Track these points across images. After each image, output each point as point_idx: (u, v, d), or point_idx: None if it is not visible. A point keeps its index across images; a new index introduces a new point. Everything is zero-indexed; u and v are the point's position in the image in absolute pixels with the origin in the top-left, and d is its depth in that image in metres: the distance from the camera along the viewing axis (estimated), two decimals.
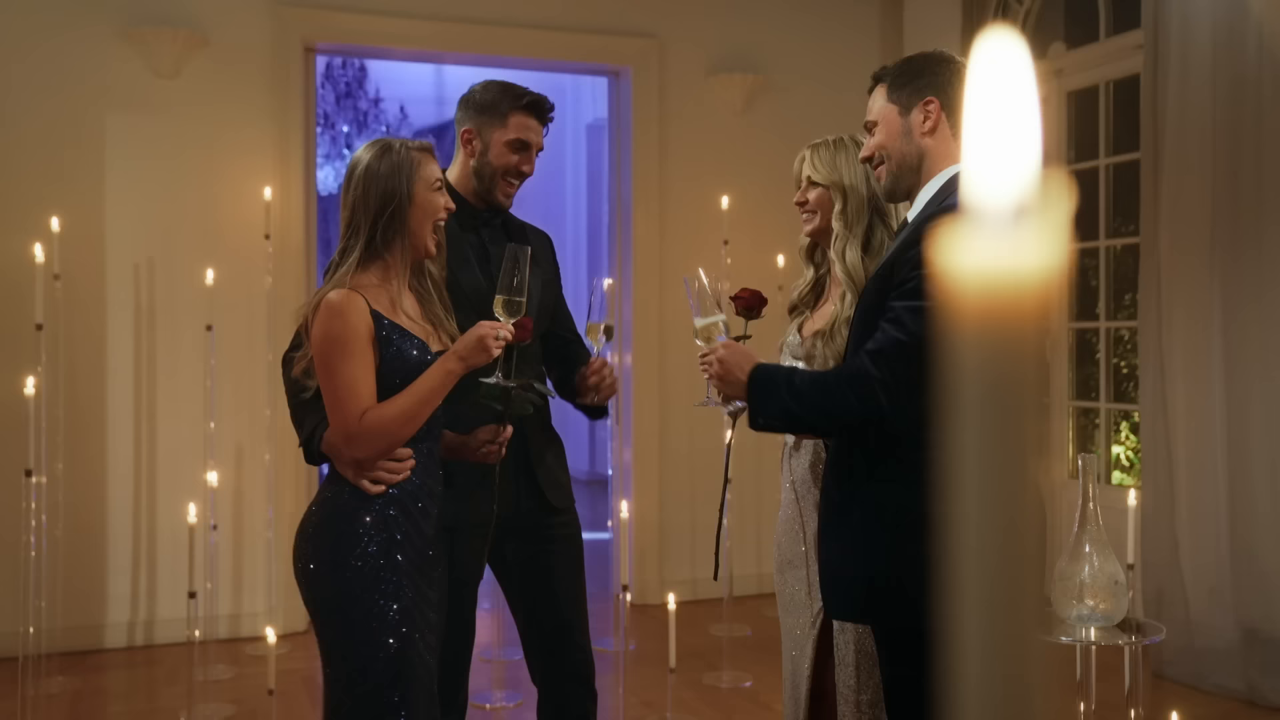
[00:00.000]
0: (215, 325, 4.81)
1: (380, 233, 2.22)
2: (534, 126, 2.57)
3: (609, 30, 5.59)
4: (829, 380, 1.91)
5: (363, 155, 2.27)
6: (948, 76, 2.03)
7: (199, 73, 4.96)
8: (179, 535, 4.73)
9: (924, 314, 1.82)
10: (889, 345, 1.84)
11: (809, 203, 2.47)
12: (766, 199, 5.72)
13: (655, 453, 5.65)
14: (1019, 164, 0.41)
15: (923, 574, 1.88)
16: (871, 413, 1.86)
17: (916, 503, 1.90)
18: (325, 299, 2.20)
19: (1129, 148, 4.98)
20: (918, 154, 2.02)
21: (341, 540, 2.20)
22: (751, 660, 4.61)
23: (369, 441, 2.16)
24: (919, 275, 1.84)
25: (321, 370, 2.19)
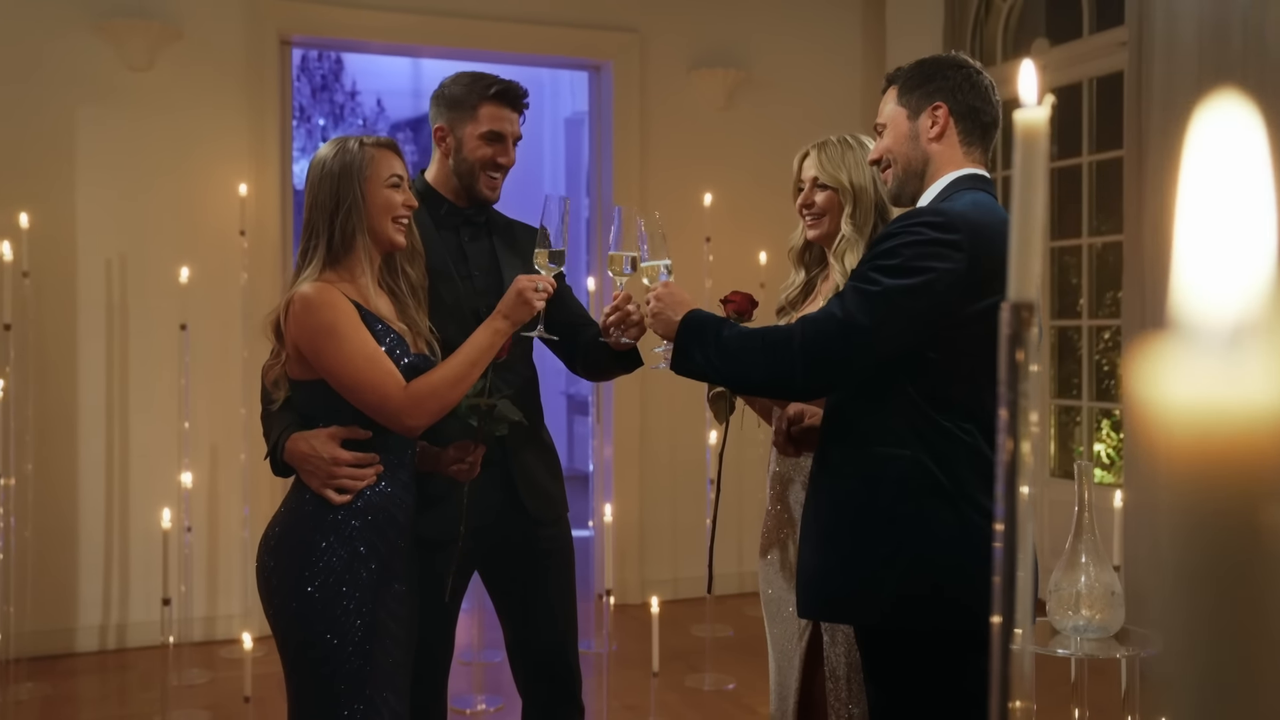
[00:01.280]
0: (189, 323, 4.73)
1: (339, 232, 2.16)
2: (507, 116, 2.47)
3: (589, 24, 5.52)
4: (755, 339, 1.90)
5: (320, 154, 2.22)
6: (958, 82, 2.00)
7: (172, 66, 4.86)
8: (152, 537, 4.64)
9: (866, 296, 1.82)
10: (823, 318, 1.85)
11: (816, 205, 2.40)
12: (749, 195, 5.67)
13: (636, 450, 5.60)
14: (1244, 270, 0.35)
15: (884, 575, 1.85)
16: (781, 381, 1.87)
17: (875, 501, 1.87)
18: (297, 294, 2.14)
19: (1112, 145, 4.97)
20: (923, 159, 2.01)
21: (303, 552, 2.14)
22: (734, 662, 4.58)
23: (421, 407, 2.12)
24: (875, 263, 1.86)
25: (323, 363, 2.12)
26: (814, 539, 1.96)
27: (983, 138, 2.02)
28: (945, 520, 1.83)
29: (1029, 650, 0.94)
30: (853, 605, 1.91)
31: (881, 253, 1.87)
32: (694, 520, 5.57)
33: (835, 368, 1.85)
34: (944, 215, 1.86)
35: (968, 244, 1.83)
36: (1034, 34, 5.41)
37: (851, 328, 1.81)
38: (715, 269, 5.36)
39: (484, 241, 2.55)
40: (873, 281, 1.83)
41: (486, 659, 4.56)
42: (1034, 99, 0.87)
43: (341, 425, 2.17)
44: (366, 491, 2.19)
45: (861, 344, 1.82)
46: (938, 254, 1.82)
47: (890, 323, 1.82)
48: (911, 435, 1.86)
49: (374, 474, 2.18)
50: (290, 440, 2.19)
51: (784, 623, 2.42)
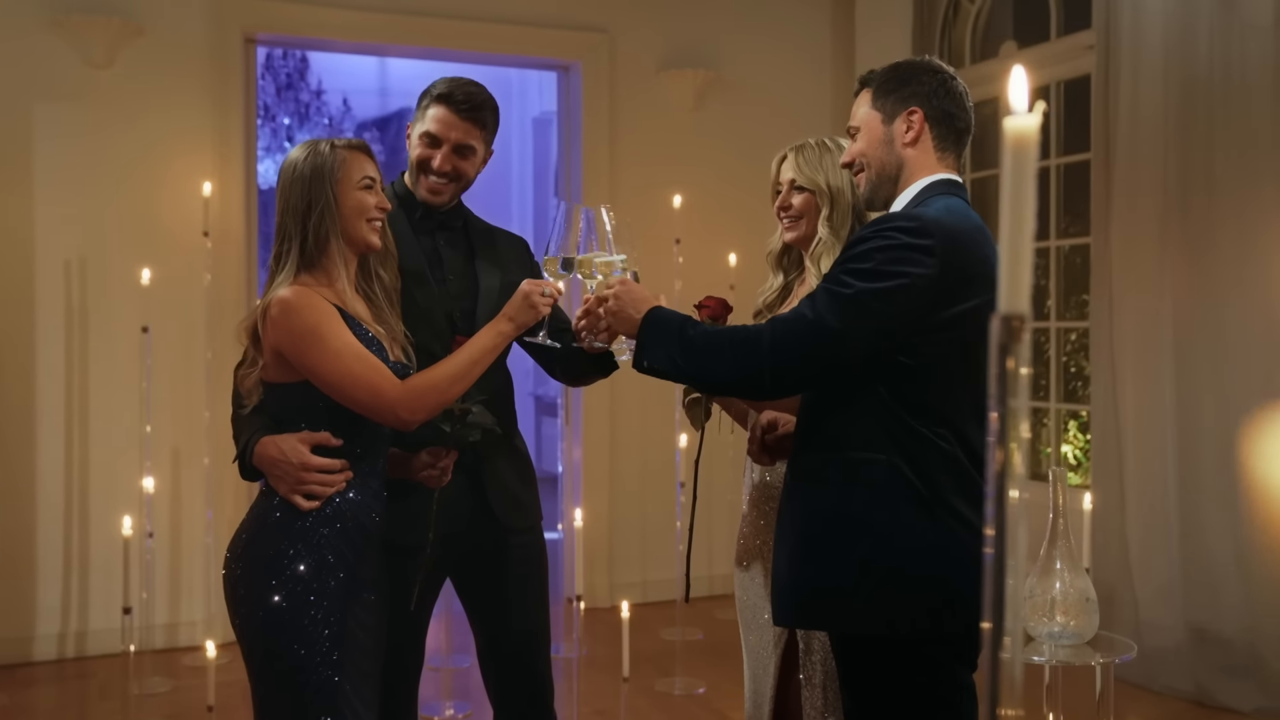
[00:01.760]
0: (151, 325, 4.65)
1: (312, 235, 2.13)
2: (447, 120, 2.39)
3: (558, 24, 5.49)
4: (721, 338, 1.89)
5: (292, 156, 2.18)
6: (934, 87, 2.00)
7: (133, 63, 4.78)
8: (112, 543, 4.57)
9: (837, 298, 1.81)
10: (794, 319, 1.84)
11: (794, 207, 2.38)
12: (719, 196, 5.66)
13: (605, 452, 5.57)
14: None
15: (858, 580, 1.84)
16: (749, 380, 1.86)
17: (850, 507, 1.85)
18: (276, 298, 2.10)
19: (1080, 148, 4.99)
20: (898, 163, 2.01)
21: (270, 561, 2.10)
22: (704, 665, 4.56)
23: (419, 401, 2.10)
24: (847, 266, 1.85)
25: (308, 364, 2.08)
26: (789, 545, 1.94)
27: (956, 143, 2.02)
28: (921, 526, 1.82)
29: (1019, 658, 0.92)
30: (828, 612, 1.89)
31: (854, 256, 1.86)
32: (663, 523, 5.55)
33: (804, 368, 1.84)
34: (918, 220, 1.85)
35: (941, 249, 1.82)
36: (1002, 36, 5.43)
37: (821, 329, 1.81)
38: (684, 271, 5.33)
39: (460, 247, 2.52)
40: (844, 284, 1.82)
41: (455, 664, 4.51)
42: (1024, 105, 0.86)
43: (315, 430, 2.13)
44: (336, 499, 2.14)
45: (831, 346, 1.81)
46: (911, 259, 1.81)
47: (861, 326, 1.81)
48: (886, 440, 1.85)
49: (344, 480, 2.14)
50: (260, 444, 2.15)
51: (759, 630, 2.39)
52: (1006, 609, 0.86)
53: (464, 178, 2.46)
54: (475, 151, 2.44)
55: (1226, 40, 4.01)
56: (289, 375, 2.13)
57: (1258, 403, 3.92)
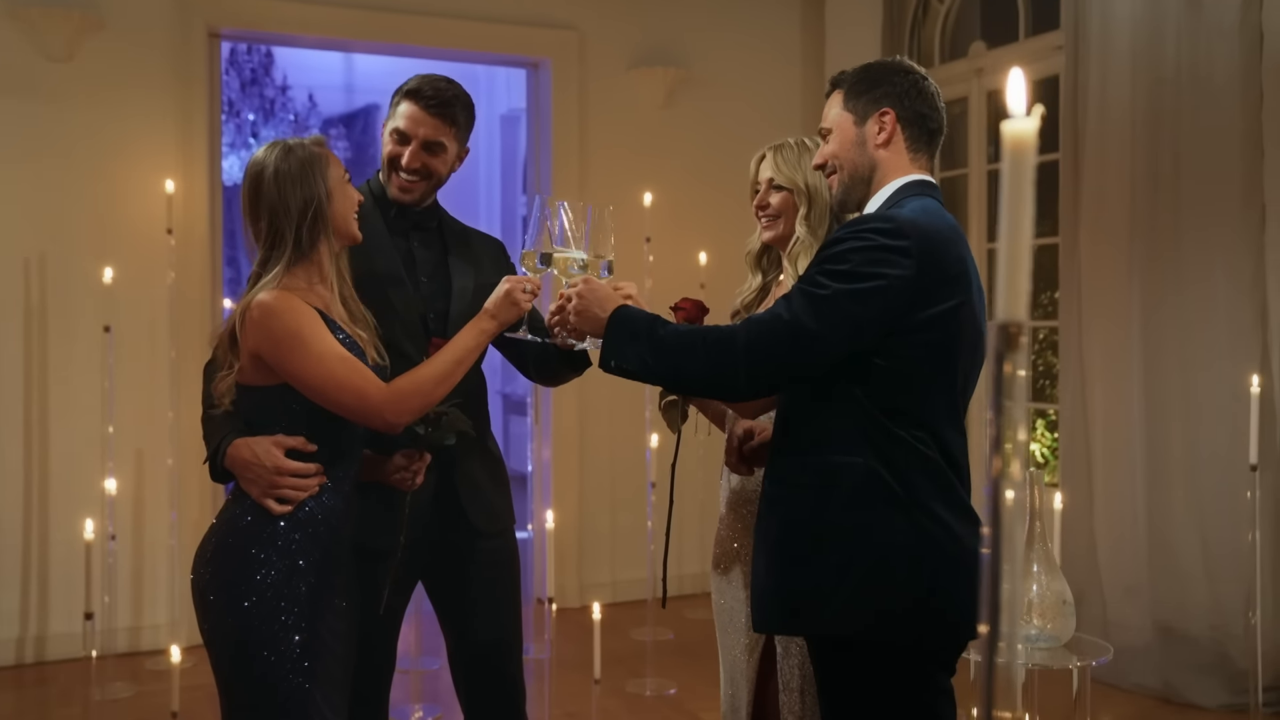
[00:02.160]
0: (114, 325, 4.56)
1: (305, 236, 2.10)
2: (416, 116, 2.37)
3: (527, 21, 5.45)
4: (694, 337, 1.86)
5: (265, 158, 2.13)
6: (905, 88, 1.99)
7: (94, 57, 4.69)
8: (73, 546, 4.48)
9: (813, 299, 1.80)
10: (769, 319, 1.82)
11: (771, 206, 2.37)
12: (689, 194, 5.64)
13: (575, 451, 5.54)
14: None
15: (836, 584, 1.82)
16: (723, 380, 1.84)
17: (828, 510, 1.84)
18: (256, 301, 2.06)
19: (1048, 148, 5.01)
20: (870, 165, 2.00)
21: (241, 566, 2.07)
22: (676, 666, 4.54)
23: (404, 404, 2.09)
24: (823, 268, 1.83)
25: (290, 369, 2.04)
26: (767, 550, 1.92)
27: (929, 144, 2.01)
28: (899, 529, 1.81)
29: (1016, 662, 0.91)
30: (806, 617, 1.87)
31: (830, 257, 1.84)
32: (633, 522, 5.52)
33: (779, 370, 1.82)
34: (893, 222, 1.84)
35: (917, 250, 1.81)
36: (971, 36, 5.45)
37: (797, 330, 1.79)
38: (655, 269, 5.31)
39: (435, 247, 2.49)
40: (821, 285, 1.80)
41: (425, 666, 4.47)
42: (1022, 108, 0.84)
43: (290, 434, 2.10)
44: (308, 503, 2.11)
45: (806, 347, 1.80)
46: (887, 260, 1.79)
47: (837, 327, 1.79)
48: (863, 443, 1.83)
49: (317, 485, 2.11)
50: (232, 446, 2.11)
51: (736, 634, 2.38)
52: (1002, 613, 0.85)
53: (434, 175, 2.42)
54: (445, 149, 2.41)
55: (1193, 42, 4.04)
56: (266, 378, 2.09)
57: (1225, 401, 3.95)
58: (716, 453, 2.54)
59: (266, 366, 2.07)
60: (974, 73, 5.30)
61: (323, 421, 2.11)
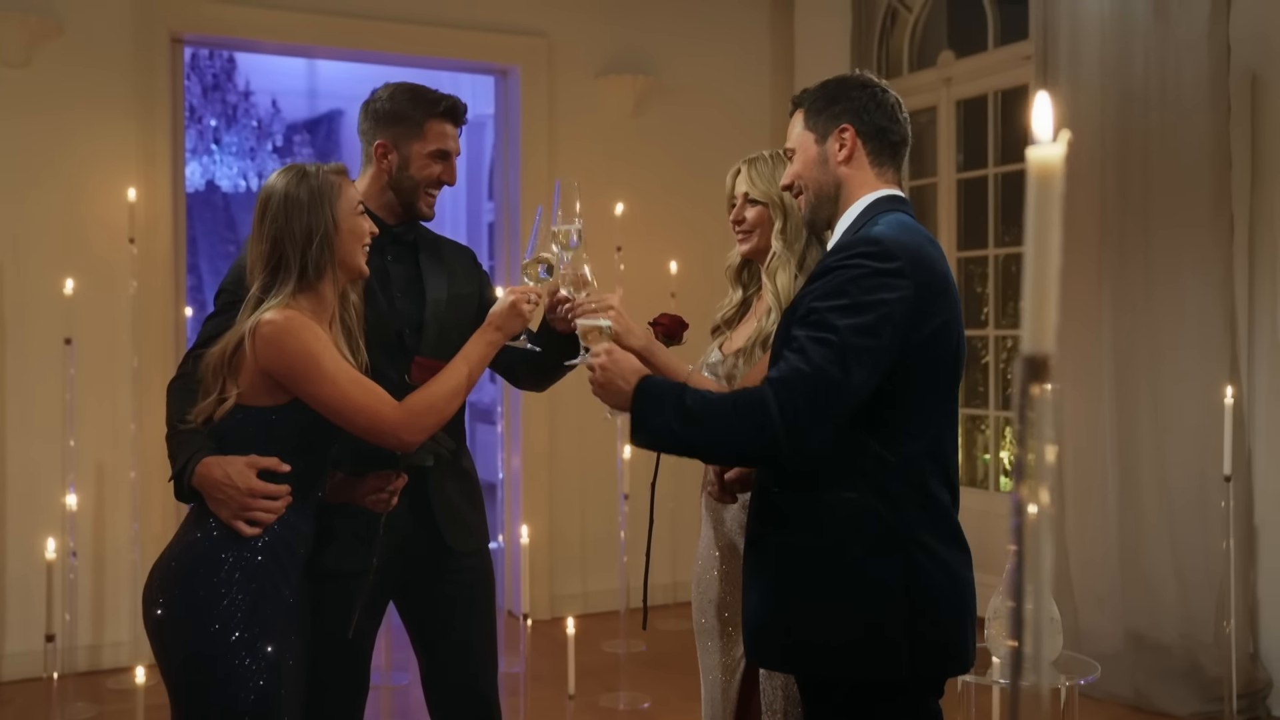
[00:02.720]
0: (75, 336, 4.46)
1: (312, 265, 2.05)
2: (452, 133, 2.41)
3: (495, 28, 5.40)
4: (724, 404, 1.78)
5: (277, 183, 2.09)
6: (863, 102, 1.95)
7: (52, 62, 4.59)
8: (32, 562, 4.38)
9: (828, 345, 1.73)
10: (792, 375, 1.73)
11: (746, 221, 2.34)
12: (660, 203, 5.61)
13: (545, 461, 5.48)
14: None
15: (839, 623, 1.79)
16: (767, 446, 1.73)
17: (822, 550, 1.81)
18: (265, 320, 2.01)
19: (1017, 157, 5.04)
20: (835, 183, 1.96)
21: (202, 590, 2.02)
22: (649, 679, 4.50)
23: (419, 422, 2.08)
24: (824, 306, 1.77)
25: (305, 389, 2.02)
26: (761, 587, 1.88)
27: (893, 157, 1.97)
28: (894, 565, 1.77)
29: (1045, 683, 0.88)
30: (802, 657, 1.83)
31: (827, 293, 1.78)
32: (604, 533, 5.48)
33: (817, 425, 1.73)
34: (879, 244, 1.79)
35: (910, 270, 1.78)
36: (939, 46, 5.46)
37: (823, 380, 1.72)
38: (626, 279, 5.28)
39: (408, 261, 2.45)
40: (829, 328, 1.74)
41: (394, 682, 4.40)
42: (1048, 133, 0.81)
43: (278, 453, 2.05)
44: (274, 527, 2.07)
45: (838, 395, 1.72)
46: (884, 284, 1.75)
47: (859, 367, 1.73)
48: (857, 475, 1.79)
49: (284, 506, 2.07)
50: (202, 465, 2.06)
51: (717, 654, 2.34)
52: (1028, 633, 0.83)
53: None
54: None
55: (1162, 53, 4.06)
56: (270, 398, 2.05)
57: (1195, 410, 3.98)
58: (690, 464, 2.47)
59: (270, 387, 2.03)
60: (943, 82, 5.32)
61: (304, 445, 2.07)
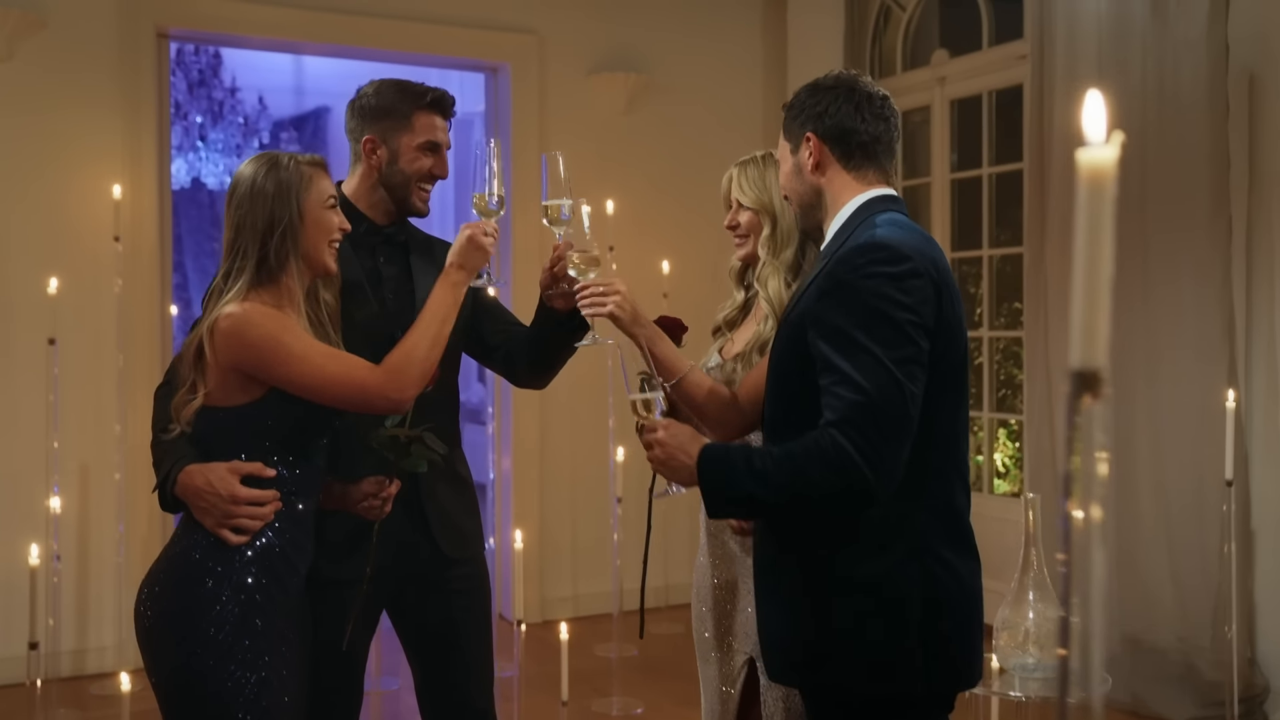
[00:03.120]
0: (59, 336, 4.39)
1: (272, 255, 2.00)
2: (441, 125, 2.38)
3: (486, 25, 5.34)
4: (796, 460, 1.68)
5: (246, 170, 2.04)
6: (825, 105, 1.89)
7: (35, 57, 4.51)
8: (14, 567, 4.30)
9: (877, 363, 1.66)
10: (852, 411, 1.64)
11: (740, 226, 2.31)
12: (652, 202, 5.57)
13: (535, 462, 5.43)
14: None
15: (855, 637, 1.74)
16: (858, 493, 1.64)
17: (838, 564, 1.76)
18: (224, 314, 1.96)
19: (1012, 158, 5.01)
20: (813, 191, 1.92)
21: (193, 603, 1.96)
22: (641, 684, 4.46)
23: (404, 377, 2.01)
24: (850, 324, 1.69)
25: (278, 374, 1.95)
26: (775, 600, 1.83)
27: (869, 157, 1.89)
28: (910, 579, 1.73)
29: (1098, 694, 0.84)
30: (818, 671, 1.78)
31: (849, 309, 1.70)
32: (596, 535, 5.44)
33: (896, 451, 1.66)
34: (887, 248, 1.72)
35: (923, 267, 1.74)
36: (933, 45, 5.43)
37: (884, 403, 1.65)
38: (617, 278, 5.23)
39: (400, 263, 2.40)
40: (864, 348, 1.67)
41: (384, 687, 4.35)
42: (1100, 134, 0.77)
43: (251, 459, 1.99)
44: (266, 535, 2.01)
45: (903, 412, 1.66)
46: (905, 288, 1.70)
47: (911, 379, 1.67)
48: None
49: (272, 511, 2.01)
50: (184, 473, 2.00)
51: (716, 665, 2.29)
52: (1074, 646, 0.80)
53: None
54: None
55: (1160, 53, 4.04)
56: (239, 396, 1.99)
57: (1192, 413, 3.95)
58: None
59: (242, 382, 1.98)
60: (936, 81, 5.28)
61: (286, 449, 2.01)
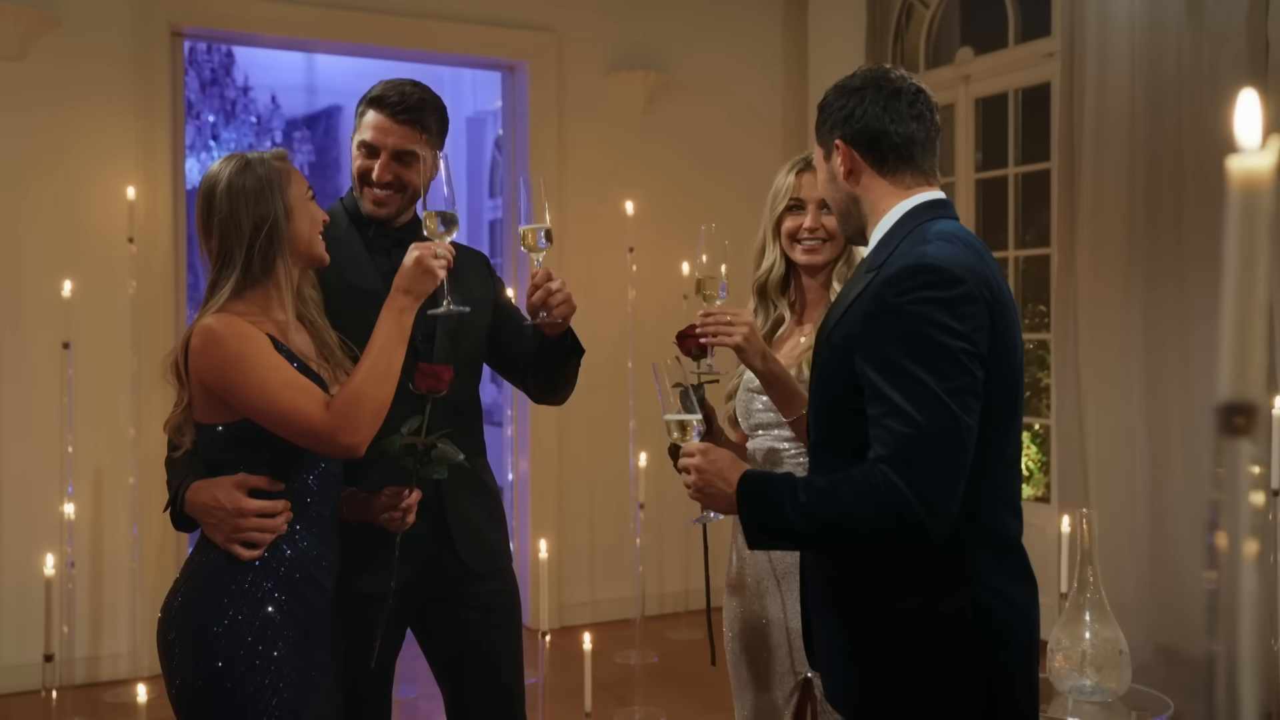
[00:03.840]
0: (73, 340, 4.33)
1: (258, 257, 1.93)
2: (383, 125, 2.20)
3: (503, 22, 5.26)
4: (843, 493, 1.58)
5: (220, 172, 1.95)
6: (852, 108, 1.76)
7: (49, 56, 4.45)
8: (29, 573, 4.25)
9: (928, 398, 1.55)
10: (904, 446, 1.55)
11: (821, 229, 2.16)
12: (671, 203, 5.49)
13: (553, 465, 5.35)
14: None
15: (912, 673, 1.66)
16: (912, 532, 1.55)
17: (900, 593, 1.67)
18: (199, 327, 1.89)
19: (1038, 157, 4.92)
20: (849, 198, 1.81)
21: (210, 623, 1.89)
22: (662, 692, 4.38)
23: (352, 418, 1.87)
24: (900, 353, 1.58)
25: (236, 398, 1.87)
26: (831, 634, 1.75)
27: (905, 159, 1.77)
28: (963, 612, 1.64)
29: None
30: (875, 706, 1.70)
31: (899, 337, 1.60)
32: (614, 539, 5.36)
33: (953, 487, 1.56)
34: (936, 270, 1.60)
35: (976, 291, 1.61)
36: (957, 42, 5.34)
37: (938, 437, 1.55)
38: (638, 282, 5.17)
39: None
40: (916, 379, 1.56)
41: (403, 695, 4.27)
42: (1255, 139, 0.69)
43: (252, 473, 1.92)
44: (285, 549, 1.94)
45: (960, 447, 1.56)
46: (958, 314, 1.59)
47: (966, 411, 1.57)
48: None
49: (284, 522, 1.94)
50: (191, 490, 1.94)
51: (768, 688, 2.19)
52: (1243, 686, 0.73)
53: (410, 187, 2.24)
54: (418, 158, 2.22)
55: (1195, 48, 3.95)
56: (221, 415, 1.92)
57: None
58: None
59: (218, 401, 1.91)
60: (960, 79, 5.20)
61: (287, 459, 1.94)
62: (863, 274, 1.75)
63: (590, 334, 2.33)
